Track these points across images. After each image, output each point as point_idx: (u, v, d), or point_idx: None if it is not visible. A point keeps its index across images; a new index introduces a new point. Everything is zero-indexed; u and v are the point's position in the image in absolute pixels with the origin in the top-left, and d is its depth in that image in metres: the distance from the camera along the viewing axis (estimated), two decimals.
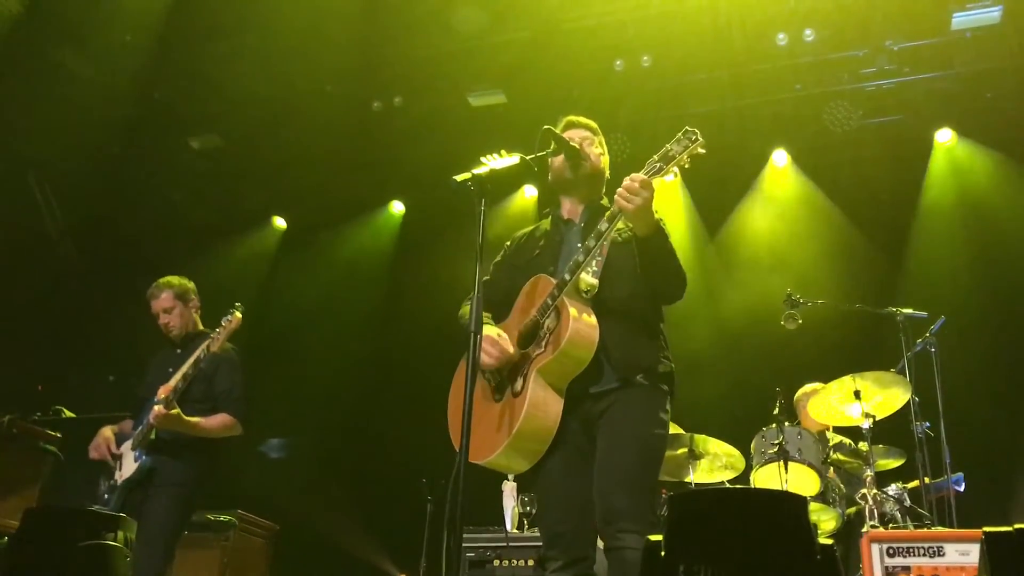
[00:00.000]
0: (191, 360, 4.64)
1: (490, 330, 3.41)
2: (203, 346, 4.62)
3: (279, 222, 9.06)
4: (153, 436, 4.68)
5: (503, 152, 3.28)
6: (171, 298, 5.04)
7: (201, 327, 5.11)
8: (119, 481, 4.71)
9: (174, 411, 4.54)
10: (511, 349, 3.40)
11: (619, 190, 3.15)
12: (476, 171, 3.15)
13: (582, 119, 3.71)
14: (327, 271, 8.68)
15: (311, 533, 7.50)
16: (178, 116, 8.06)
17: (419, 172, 8.19)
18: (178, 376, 4.63)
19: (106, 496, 4.72)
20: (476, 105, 7.73)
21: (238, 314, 4.70)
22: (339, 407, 8.10)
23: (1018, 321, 7.02)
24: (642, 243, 3.26)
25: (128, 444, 4.79)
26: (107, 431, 4.89)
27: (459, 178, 3.16)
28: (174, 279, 5.12)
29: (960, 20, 6.56)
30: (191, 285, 5.16)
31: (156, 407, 4.53)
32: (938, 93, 7.26)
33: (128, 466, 4.72)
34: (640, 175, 3.14)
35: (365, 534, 7.76)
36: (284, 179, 8.47)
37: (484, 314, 3.46)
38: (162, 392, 4.60)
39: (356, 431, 7.95)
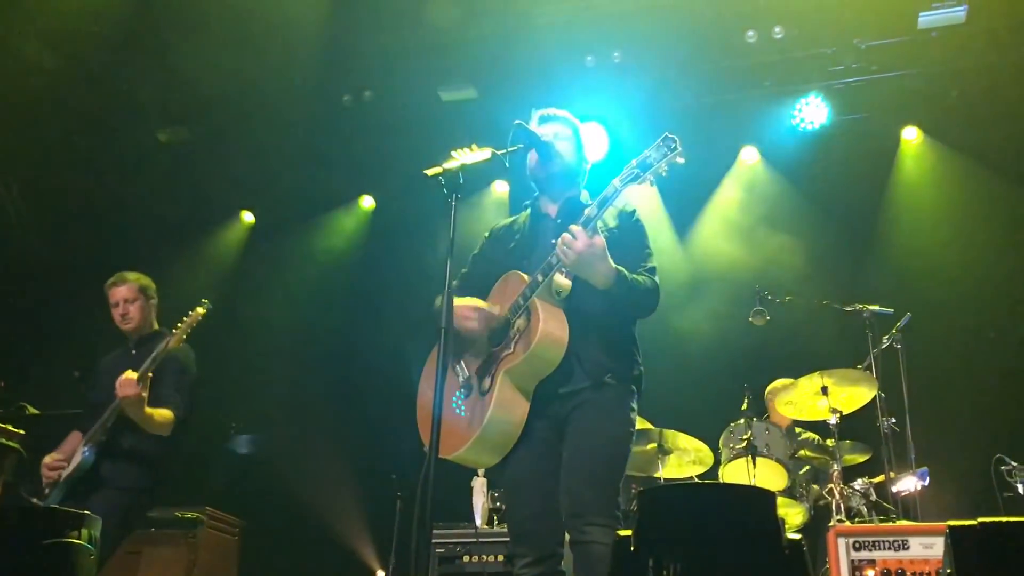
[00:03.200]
0: (152, 358, 4.53)
1: (471, 301, 3.40)
2: (163, 344, 4.54)
3: (247, 216, 8.98)
4: (105, 437, 4.60)
5: (474, 147, 3.26)
6: (134, 290, 4.94)
7: (157, 327, 5.01)
8: (62, 476, 4.62)
9: (145, 393, 4.46)
10: (495, 310, 3.38)
11: (559, 241, 3.15)
12: (447, 165, 3.13)
13: (557, 111, 3.69)
14: (296, 266, 8.61)
15: (280, 529, 7.45)
16: (146, 109, 7.95)
17: (390, 166, 8.15)
18: (143, 370, 4.51)
19: (47, 491, 4.62)
20: (447, 99, 7.71)
21: (200, 309, 4.64)
22: (308, 402, 8.05)
23: (981, 317, 7.12)
24: (601, 295, 3.26)
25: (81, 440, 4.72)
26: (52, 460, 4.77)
27: (430, 172, 3.14)
28: (138, 274, 5.05)
29: (926, 19, 6.62)
30: (152, 283, 5.07)
31: (126, 376, 4.42)
32: (905, 91, 7.33)
33: (74, 461, 4.64)
34: (578, 227, 3.14)
35: (334, 530, 7.73)
36: (253, 173, 8.39)
37: None
38: (130, 375, 4.46)
39: (325, 426, 7.90)
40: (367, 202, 8.89)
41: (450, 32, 7.18)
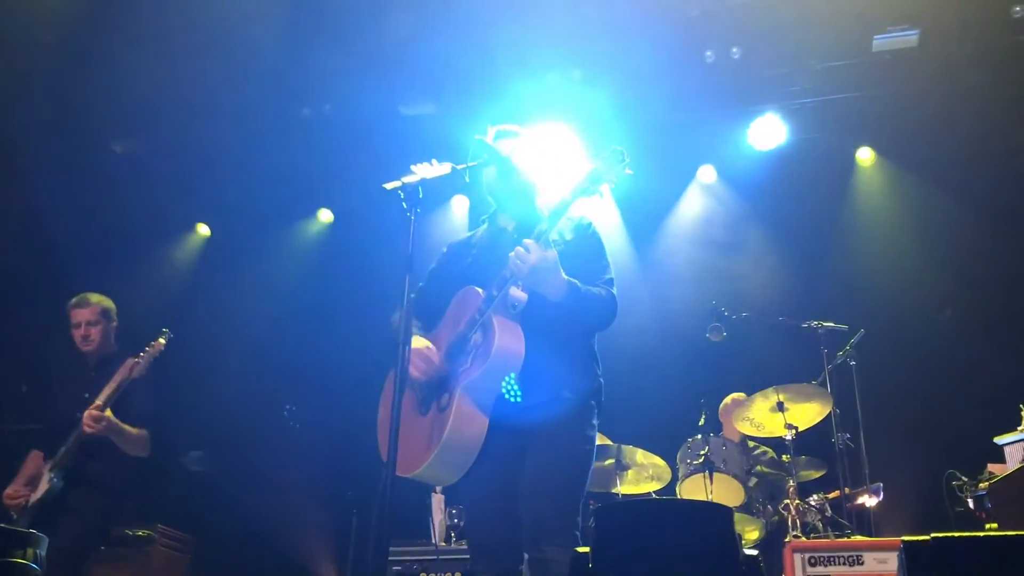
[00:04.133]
0: (114, 385, 4.59)
1: (419, 342, 3.38)
2: (126, 369, 4.59)
3: (203, 229, 8.87)
4: (72, 462, 4.60)
5: (434, 161, 3.26)
6: (96, 312, 4.97)
7: (116, 348, 5.01)
8: (30, 502, 4.58)
9: (108, 413, 4.52)
10: (437, 361, 3.37)
11: (512, 254, 3.16)
12: (406, 179, 3.12)
13: (514, 127, 3.70)
14: (252, 279, 8.50)
15: (233, 547, 7.33)
16: (100, 119, 7.83)
17: (349, 180, 8.11)
18: (104, 397, 4.58)
19: (14, 516, 4.59)
20: (407, 114, 7.70)
21: (162, 340, 4.71)
22: (263, 417, 7.95)
23: (932, 334, 7.25)
24: (556, 308, 3.26)
25: (46, 466, 4.68)
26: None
27: (389, 186, 3.13)
28: (100, 296, 5.04)
29: (880, 42, 6.74)
30: (113, 305, 5.08)
31: (90, 412, 4.48)
32: (859, 112, 7.45)
33: (42, 487, 4.60)
34: (531, 240, 3.14)
35: (289, 548, 7.62)
36: (209, 185, 8.29)
37: (414, 322, 3.43)
38: (95, 406, 4.54)
39: (280, 443, 7.80)
40: (325, 215, 8.83)
41: (411, 47, 7.16)
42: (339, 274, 8.46)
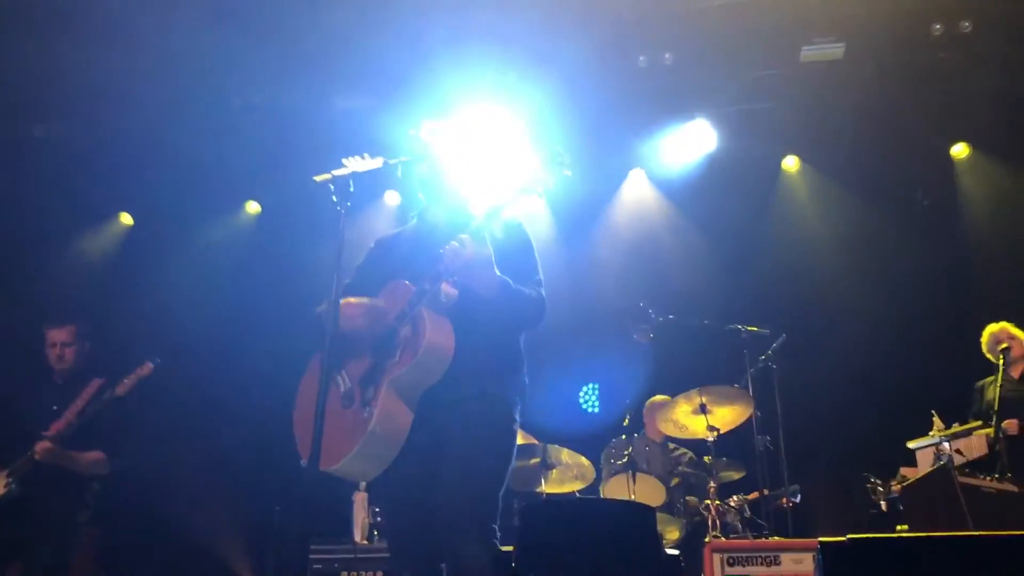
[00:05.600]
0: (85, 400, 4.71)
1: (356, 298, 3.34)
2: (99, 388, 4.72)
3: (127, 218, 8.64)
4: (30, 468, 4.67)
5: (366, 156, 3.22)
6: (72, 334, 5.04)
7: (85, 366, 5.08)
8: None
9: (56, 448, 4.65)
10: (380, 303, 3.33)
11: (446, 250, 3.15)
12: (337, 172, 3.08)
13: (449, 123, 3.68)
14: (176, 271, 8.30)
15: (149, 545, 7.15)
16: (19, 101, 7.56)
17: (279, 172, 7.97)
18: (71, 415, 4.69)
19: None
20: (341, 107, 7.61)
21: (150, 364, 4.84)
22: (185, 413, 7.77)
23: (850, 339, 7.45)
24: (486, 305, 3.26)
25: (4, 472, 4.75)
26: None
27: (319, 178, 3.08)
28: (76, 318, 5.13)
29: (808, 52, 6.88)
30: (89, 327, 5.21)
31: (42, 444, 4.62)
32: (786, 121, 7.60)
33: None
34: (465, 236, 3.15)
35: (207, 545, 7.47)
36: (134, 173, 8.07)
37: None
38: (54, 429, 4.67)
39: (202, 438, 7.64)
40: (253, 207, 8.68)
41: (346, 40, 7.08)
42: (265, 267, 8.32)
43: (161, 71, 7.16)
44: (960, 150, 7.68)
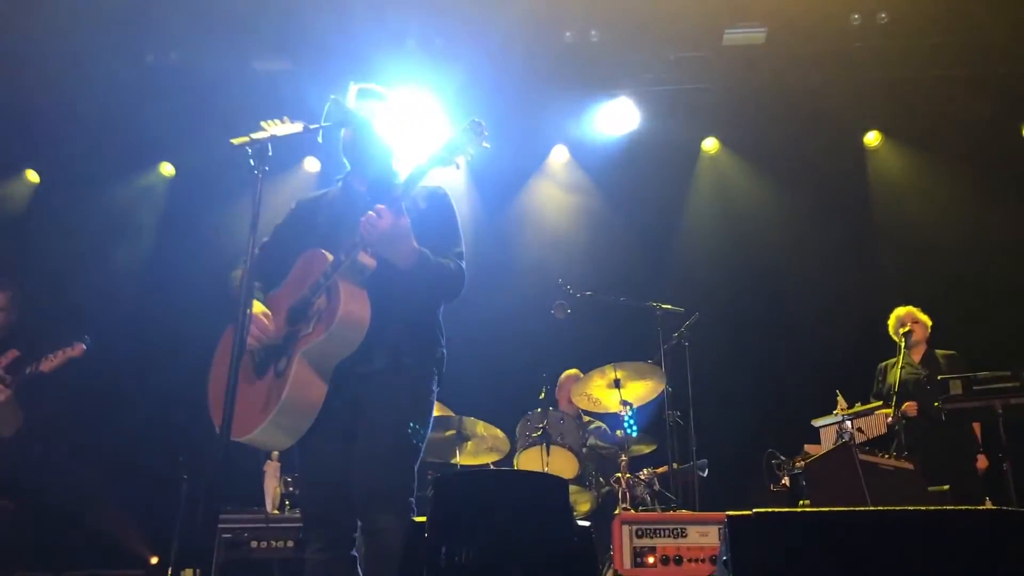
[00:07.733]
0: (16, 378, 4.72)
1: (256, 308, 3.28)
2: (16, 360, 4.78)
3: (32, 175, 8.30)
4: None
5: (286, 119, 3.15)
6: (7, 299, 4.93)
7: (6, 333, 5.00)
8: None
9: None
10: (271, 328, 3.28)
11: (363, 219, 3.13)
12: (255, 136, 3.01)
13: (374, 87, 3.62)
14: (85, 232, 8.01)
15: (53, 512, 6.94)
16: None
17: (194, 133, 7.74)
18: None
19: None
20: (261, 70, 7.42)
21: (82, 345, 4.82)
22: (91, 376, 7.55)
23: (760, 320, 7.65)
24: (403, 276, 3.24)
25: None
26: None
27: (236, 141, 3.00)
28: (11, 283, 4.96)
29: (731, 36, 6.99)
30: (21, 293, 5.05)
31: None
32: (707, 103, 7.71)
33: None
34: (383, 206, 3.12)
35: (113, 513, 7.28)
36: (41, 128, 7.74)
37: (255, 283, 3.31)
38: None
39: (109, 402, 7.43)
40: (167, 169, 8.44)
41: (266, 2, 6.90)
42: (178, 230, 8.10)
43: (71, 24, 6.86)
44: (873, 137, 7.92)
